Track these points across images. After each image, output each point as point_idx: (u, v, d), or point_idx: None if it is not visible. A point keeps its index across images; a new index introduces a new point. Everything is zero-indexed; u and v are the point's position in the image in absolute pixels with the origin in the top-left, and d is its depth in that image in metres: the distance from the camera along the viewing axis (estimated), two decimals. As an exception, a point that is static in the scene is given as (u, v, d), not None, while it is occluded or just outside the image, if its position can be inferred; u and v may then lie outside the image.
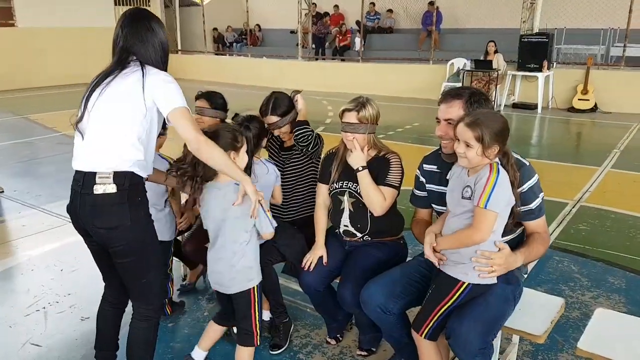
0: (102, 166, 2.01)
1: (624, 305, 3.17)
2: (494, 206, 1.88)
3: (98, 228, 2.04)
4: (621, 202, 5.06)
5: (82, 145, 2.07)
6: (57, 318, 3.10)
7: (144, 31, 2.12)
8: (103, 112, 2.04)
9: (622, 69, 10.71)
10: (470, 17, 14.43)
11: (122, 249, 2.07)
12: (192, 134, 2.00)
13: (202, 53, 17.69)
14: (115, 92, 2.04)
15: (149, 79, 2.04)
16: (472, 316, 1.97)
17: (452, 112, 2.14)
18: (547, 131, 9.45)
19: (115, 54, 2.12)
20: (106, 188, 2.00)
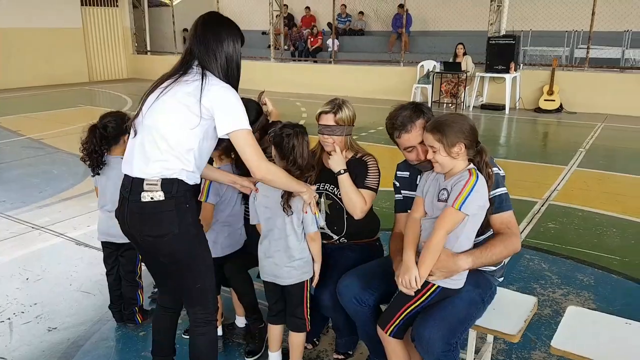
0: (151, 173, 1.95)
1: (593, 302, 3.24)
2: (467, 209, 1.90)
3: (146, 235, 2.00)
4: (588, 200, 5.18)
5: (133, 147, 2.02)
6: (22, 329, 3.00)
7: (210, 36, 2.03)
8: (157, 118, 1.97)
9: (586, 70, 10.99)
10: (439, 20, 14.61)
11: (175, 256, 2.04)
12: (255, 162, 1.97)
13: (172, 54, 17.45)
14: (172, 99, 1.96)
15: (208, 90, 1.94)
16: (437, 318, 1.98)
17: (417, 135, 2.17)
18: (514, 131, 9.62)
19: (183, 55, 2.09)
20: (154, 195, 1.94)
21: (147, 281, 3.20)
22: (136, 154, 2.00)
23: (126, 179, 2.02)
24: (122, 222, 2.07)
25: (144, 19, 18.02)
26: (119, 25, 17.59)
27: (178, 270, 2.08)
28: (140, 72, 17.65)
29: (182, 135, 1.94)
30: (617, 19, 11.25)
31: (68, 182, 5.84)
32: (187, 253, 2.04)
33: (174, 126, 1.95)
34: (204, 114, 1.93)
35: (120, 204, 2.06)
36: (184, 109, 1.94)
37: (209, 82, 1.96)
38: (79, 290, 3.44)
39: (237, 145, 1.97)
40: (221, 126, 1.95)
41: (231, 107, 1.96)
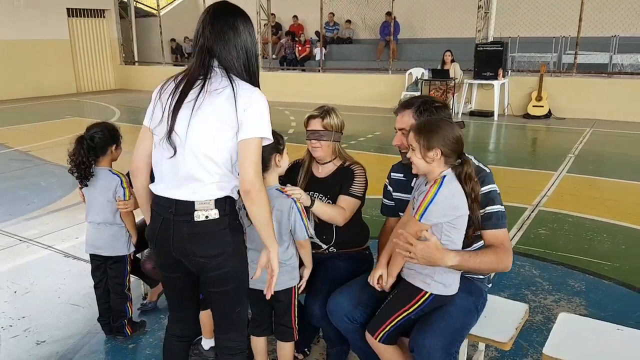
0: (202, 196, 1.82)
1: (584, 308, 3.24)
2: (428, 220, 1.92)
3: (199, 257, 1.86)
4: (578, 206, 5.21)
5: (172, 167, 1.84)
6: (11, 343, 2.95)
7: (227, 29, 1.84)
8: (199, 138, 1.80)
9: (574, 75, 11.10)
10: (426, 27, 14.72)
11: (222, 277, 1.91)
12: (251, 175, 1.79)
13: (159, 64, 17.43)
14: (210, 113, 1.79)
15: (240, 97, 1.79)
16: (435, 329, 1.97)
17: (403, 122, 2.19)
18: (504, 137, 9.68)
19: (195, 54, 1.88)
20: (209, 214, 1.83)
21: (136, 293, 3.18)
22: (180, 174, 1.83)
23: (166, 201, 1.86)
24: (163, 244, 1.91)
25: (132, 30, 17.99)
26: (106, 36, 17.56)
27: (223, 292, 1.95)
28: (128, 83, 17.60)
29: (227, 152, 1.82)
30: (604, 25, 11.40)
31: (56, 194, 5.78)
32: (237, 273, 1.94)
33: (218, 146, 1.81)
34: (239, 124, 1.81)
35: (163, 226, 1.88)
36: (224, 126, 1.80)
37: (240, 89, 1.81)
38: (67, 303, 3.39)
39: (243, 151, 1.80)
40: (245, 131, 1.79)
41: (261, 114, 1.83)
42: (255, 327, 2.44)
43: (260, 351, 2.47)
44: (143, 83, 17.04)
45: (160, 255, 1.99)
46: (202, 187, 1.82)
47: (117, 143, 2.86)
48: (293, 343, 2.43)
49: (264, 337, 2.45)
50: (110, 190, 2.78)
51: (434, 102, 2.19)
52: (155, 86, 1.96)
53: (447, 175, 1.95)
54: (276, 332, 2.42)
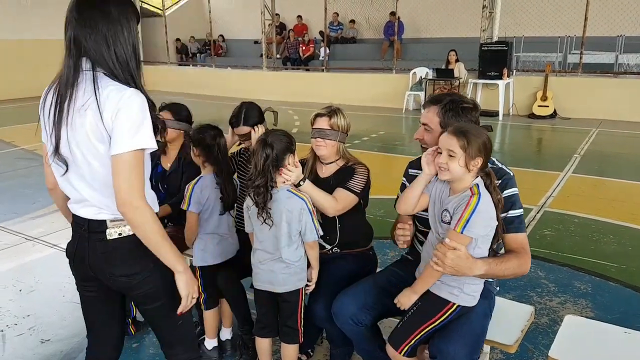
0: (110, 212, 1.67)
1: (591, 310, 3.22)
2: (470, 232, 1.83)
3: (117, 277, 1.72)
4: (584, 207, 5.18)
5: (70, 185, 1.70)
6: (15, 341, 2.97)
7: (96, 16, 1.58)
8: (81, 157, 1.63)
9: (579, 75, 11.05)
10: (431, 27, 14.67)
11: (150, 293, 1.77)
12: (123, 193, 1.57)
13: (165, 64, 17.46)
14: (84, 134, 1.59)
15: (108, 110, 1.56)
16: (458, 335, 1.93)
17: (428, 117, 2.13)
18: (508, 138, 9.65)
19: (65, 48, 1.62)
20: (122, 231, 1.69)
21: (140, 293, 3.17)
22: (83, 193, 1.68)
23: (79, 219, 1.72)
24: (79, 262, 1.76)
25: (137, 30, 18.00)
26: (112, 36, 17.57)
27: (155, 309, 1.82)
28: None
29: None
30: (610, 24, 11.33)
31: (61, 193, 5.79)
32: (166, 289, 1.76)
33: (100, 165, 1.62)
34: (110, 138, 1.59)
35: (78, 243, 1.74)
36: (97, 144, 1.59)
37: (106, 98, 1.56)
38: (72, 301, 3.39)
39: (117, 168, 1.57)
40: (115, 145, 1.56)
41: (132, 121, 1.56)
42: (261, 329, 2.44)
43: (265, 352, 2.46)
44: (148, 83, 16.99)
45: (78, 272, 1.83)
46: (107, 202, 1.66)
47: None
48: (297, 345, 2.42)
49: (268, 339, 2.45)
50: None
51: (462, 102, 2.11)
52: (161, 86, 1.93)
53: (480, 184, 1.89)
54: (281, 333, 2.41)
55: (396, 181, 2.44)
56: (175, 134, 3.05)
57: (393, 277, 2.30)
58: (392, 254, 3.71)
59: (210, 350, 2.75)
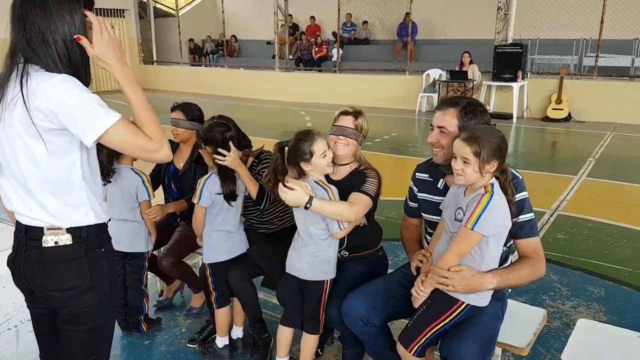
0: (49, 220, 1.55)
1: (604, 315, 3.18)
2: (481, 229, 1.82)
3: (48, 290, 1.58)
4: (598, 211, 5.13)
5: (8, 186, 1.57)
6: (29, 337, 2.98)
7: (33, 9, 1.46)
8: (19, 149, 1.50)
9: (594, 78, 10.95)
10: (445, 29, 14.63)
11: (79, 314, 1.60)
12: (156, 136, 1.56)
13: (178, 64, 17.58)
14: (9, 129, 1.49)
15: (41, 103, 1.43)
16: (470, 337, 1.92)
17: (445, 120, 2.09)
18: (522, 140, 9.58)
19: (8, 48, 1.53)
20: (59, 239, 1.56)
21: (152, 290, 3.20)
22: (19, 196, 1.56)
23: (18, 224, 1.62)
24: (17, 272, 1.63)
25: (150, 30, 18.16)
26: (126, 36, 17.74)
27: (81, 331, 1.63)
28: (147, 82, 17.75)
29: (56, 172, 1.52)
30: (626, 27, 11.22)
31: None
32: (101, 305, 1.63)
33: (35, 168, 1.51)
34: (50, 132, 1.47)
35: (17, 250, 1.62)
36: (30, 144, 1.48)
37: (31, 90, 1.44)
38: None
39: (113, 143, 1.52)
40: (84, 134, 1.46)
41: (79, 107, 1.45)
42: (286, 318, 2.47)
43: (285, 342, 2.49)
44: (161, 82, 17.19)
45: (17, 283, 1.68)
46: (44, 209, 1.55)
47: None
48: (317, 337, 2.45)
49: (290, 329, 2.47)
50: (132, 188, 2.83)
51: (478, 105, 2.11)
52: (173, 86, 1.95)
53: (495, 184, 1.88)
54: (305, 323, 2.43)
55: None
56: (187, 134, 3.07)
57: (403, 278, 2.29)
58: (403, 255, 3.68)
59: (221, 348, 2.76)
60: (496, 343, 2.08)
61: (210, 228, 2.64)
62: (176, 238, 3.06)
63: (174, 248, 2.99)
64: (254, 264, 2.68)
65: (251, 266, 2.67)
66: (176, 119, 3.04)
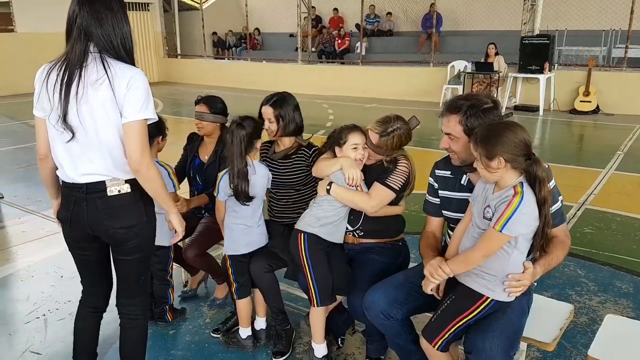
0: (114, 174, 1.97)
1: (632, 310, 3.13)
2: (509, 231, 1.81)
3: (116, 229, 2.01)
4: (626, 205, 5.02)
5: (75, 152, 1.94)
6: (57, 325, 3.06)
7: (103, 9, 1.89)
8: (90, 127, 1.90)
9: (624, 70, 10.68)
10: (470, 19, 14.41)
11: (135, 246, 2.07)
12: (136, 155, 1.91)
13: (201, 57, 17.69)
14: (95, 105, 1.88)
15: (120, 85, 1.87)
16: (495, 331, 1.91)
17: (449, 127, 2.10)
18: (549, 133, 9.41)
19: (72, 36, 1.91)
20: (121, 188, 1.98)
21: (177, 281, 3.24)
22: (82, 160, 1.94)
23: (71, 186, 1.98)
24: (77, 223, 2.02)
25: (174, 23, 18.29)
26: (150, 30, 17.89)
27: (135, 260, 2.11)
28: (171, 76, 17.94)
29: (119, 138, 1.93)
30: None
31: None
32: (150, 241, 2.12)
33: (112, 133, 1.92)
34: (121, 109, 1.90)
35: (76, 205, 2.00)
36: (110, 115, 1.89)
37: (117, 75, 1.87)
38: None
39: (130, 134, 1.90)
40: (127, 114, 1.88)
41: (141, 96, 1.90)
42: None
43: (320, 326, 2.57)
44: (185, 76, 17.32)
45: (73, 234, 2.09)
46: (109, 166, 1.95)
47: (163, 134, 2.93)
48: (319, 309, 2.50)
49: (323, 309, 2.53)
50: None
51: (481, 104, 2.05)
52: (197, 79, 2.02)
53: (524, 182, 1.85)
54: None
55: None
56: (211, 127, 3.09)
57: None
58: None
59: (244, 339, 2.79)
60: (521, 338, 2.06)
61: (229, 220, 2.67)
62: (201, 230, 3.09)
63: (198, 239, 3.02)
64: (276, 257, 2.69)
65: (273, 258, 2.69)
66: (200, 112, 3.06)
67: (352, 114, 10.71)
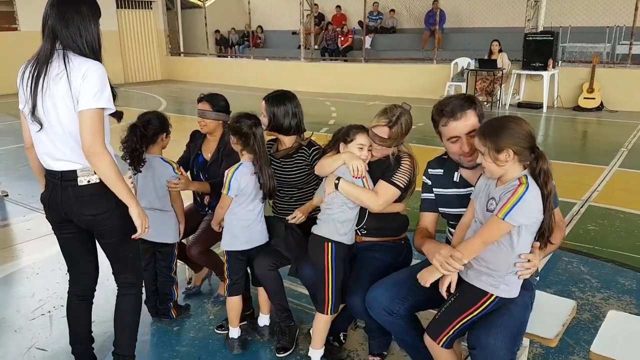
0: (79, 164, 2.10)
1: (635, 307, 3.13)
2: (512, 219, 1.81)
3: (86, 215, 2.16)
4: (630, 202, 5.01)
5: (45, 141, 2.11)
6: (62, 322, 3.07)
7: (72, 12, 2.05)
8: (54, 117, 2.06)
9: (628, 67, 10.64)
10: (473, 16, 14.38)
11: (110, 230, 2.22)
12: (88, 142, 2.01)
13: (204, 55, 17.70)
14: (57, 97, 2.03)
15: (75, 78, 2.01)
16: (499, 327, 1.91)
17: (469, 123, 2.10)
18: (553, 130, 9.39)
19: (43, 35, 2.08)
20: (90, 179, 2.12)
21: (180, 278, 3.25)
22: (55, 147, 2.10)
23: (50, 172, 2.15)
24: (54, 207, 2.19)
25: (177, 21, 18.30)
26: (153, 28, 17.91)
27: (113, 243, 2.27)
28: (174, 74, 17.96)
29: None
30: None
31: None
32: (124, 222, 2.19)
33: (74, 125, 2.04)
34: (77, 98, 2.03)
35: (53, 191, 2.17)
36: (69, 105, 2.03)
37: (74, 68, 2.01)
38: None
39: (82, 122, 2.01)
40: (81, 103, 2.00)
41: (93, 85, 2.01)
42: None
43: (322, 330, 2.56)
44: (188, 74, 17.34)
45: (52, 216, 2.25)
46: (77, 157, 2.08)
47: (167, 132, 2.94)
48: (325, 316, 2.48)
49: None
50: (163, 177, 2.87)
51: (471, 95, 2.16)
52: (200, 77, 2.03)
53: (529, 176, 1.86)
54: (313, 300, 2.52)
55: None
56: (214, 125, 3.10)
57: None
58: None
59: (261, 327, 2.84)
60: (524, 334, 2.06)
61: (230, 216, 2.67)
62: (204, 227, 3.10)
63: (202, 237, 3.03)
64: (280, 255, 2.70)
65: (277, 256, 2.69)
66: (203, 110, 3.07)
67: (354, 112, 10.70)
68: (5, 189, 5.58)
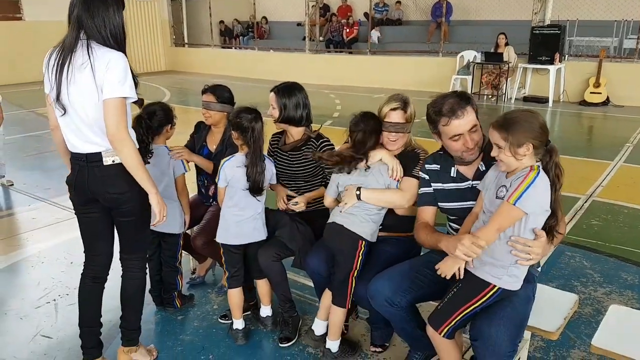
0: (103, 146, 2.20)
1: (637, 302, 3.13)
2: (523, 205, 1.81)
3: (111, 194, 2.26)
4: (634, 197, 5.00)
5: (70, 124, 2.20)
6: (67, 310, 3.11)
7: (97, 2, 2.12)
8: (78, 105, 2.15)
9: (635, 61, 10.56)
10: (480, 9, 14.27)
11: (130, 209, 2.31)
12: (112, 129, 2.11)
13: (208, 46, 17.67)
14: (82, 85, 2.12)
15: (99, 67, 2.09)
16: (502, 319, 1.92)
17: (470, 119, 2.12)
18: (558, 125, 9.35)
19: (69, 23, 2.16)
20: (115, 159, 2.22)
21: (185, 268, 3.28)
22: (81, 132, 2.20)
23: (76, 155, 2.26)
24: (80, 187, 2.28)
25: (182, 12, 18.24)
26: (158, 18, 17.86)
27: (131, 222, 2.37)
28: (178, 65, 17.93)
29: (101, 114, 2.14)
30: (670, 8, 10.76)
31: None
32: (143, 203, 2.29)
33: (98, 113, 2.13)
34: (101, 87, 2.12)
35: (79, 172, 2.27)
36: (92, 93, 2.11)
37: (97, 58, 2.10)
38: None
39: (106, 110, 2.10)
40: (105, 92, 2.09)
41: (117, 75, 2.10)
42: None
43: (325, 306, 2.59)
44: (192, 65, 17.31)
45: (77, 197, 2.35)
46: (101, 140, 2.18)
47: (172, 123, 2.96)
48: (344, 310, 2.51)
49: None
50: (170, 168, 2.89)
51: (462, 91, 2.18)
52: (204, 68, 2.05)
53: (539, 164, 1.88)
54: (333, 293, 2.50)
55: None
56: (218, 117, 3.11)
57: (430, 262, 2.29)
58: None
59: (264, 317, 2.85)
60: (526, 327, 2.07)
61: (224, 209, 2.69)
62: (208, 218, 3.11)
63: (206, 227, 3.05)
64: (284, 246, 2.71)
65: (281, 248, 2.70)
66: (207, 102, 3.08)
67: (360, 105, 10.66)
68: (11, 178, 5.61)
